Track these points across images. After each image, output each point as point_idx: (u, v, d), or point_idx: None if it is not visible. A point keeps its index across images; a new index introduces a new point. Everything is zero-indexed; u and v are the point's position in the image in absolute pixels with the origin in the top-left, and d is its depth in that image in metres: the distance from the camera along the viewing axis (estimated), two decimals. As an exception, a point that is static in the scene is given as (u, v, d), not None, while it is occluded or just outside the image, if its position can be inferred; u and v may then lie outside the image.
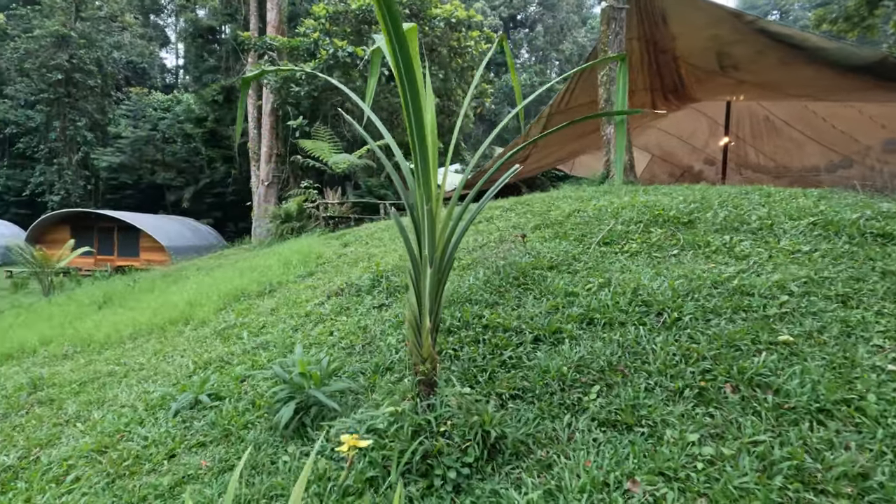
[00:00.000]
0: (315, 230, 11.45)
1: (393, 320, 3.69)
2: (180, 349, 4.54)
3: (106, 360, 4.82)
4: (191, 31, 21.12)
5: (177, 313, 5.90)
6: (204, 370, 3.79)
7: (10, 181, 27.87)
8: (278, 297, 5.57)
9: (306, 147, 13.33)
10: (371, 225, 9.55)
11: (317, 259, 7.26)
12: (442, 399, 2.30)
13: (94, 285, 12.44)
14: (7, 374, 4.91)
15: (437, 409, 2.25)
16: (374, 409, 2.58)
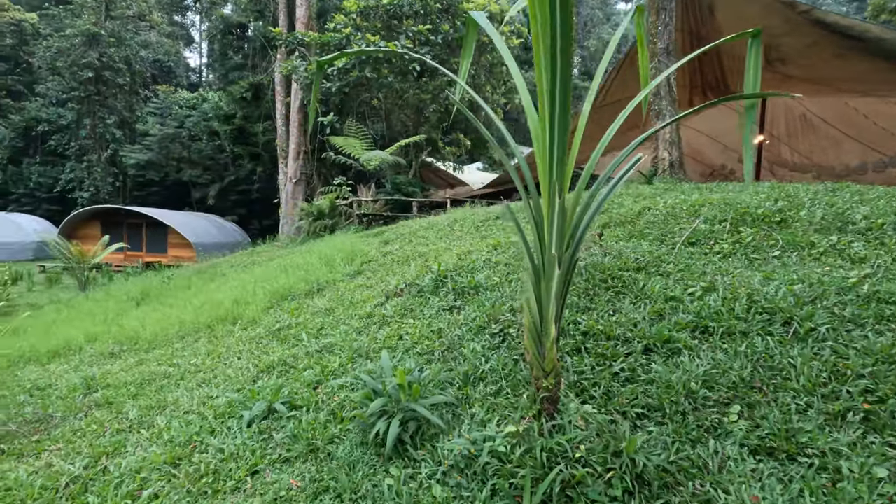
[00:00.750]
0: (349, 228, 11.27)
1: (470, 324, 3.42)
2: (235, 350, 4.34)
3: (157, 360, 4.65)
4: (220, 28, 21.13)
5: (223, 312, 5.72)
6: (268, 374, 3.58)
7: (41, 178, 28.40)
8: (329, 296, 5.35)
9: (337, 144, 13.17)
10: (410, 223, 9.32)
11: (360, 257, 7.04)
12: (570, 419, 2.02)
13: (128, 281, 12.47)
14: (57, 373, 4.77)
15: (567, 430, 1.97)
16: (481, 426, 2.31)
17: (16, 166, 29.21)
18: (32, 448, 3.08)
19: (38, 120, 28.92)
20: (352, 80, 13.66)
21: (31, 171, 28.69)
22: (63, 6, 29.48)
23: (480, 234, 6.02)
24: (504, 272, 4.18)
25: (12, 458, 2.99)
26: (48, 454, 2.97)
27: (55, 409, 3.67)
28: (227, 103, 20.69)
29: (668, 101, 9.02)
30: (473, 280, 4.03)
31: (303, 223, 12.01)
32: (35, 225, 25.27)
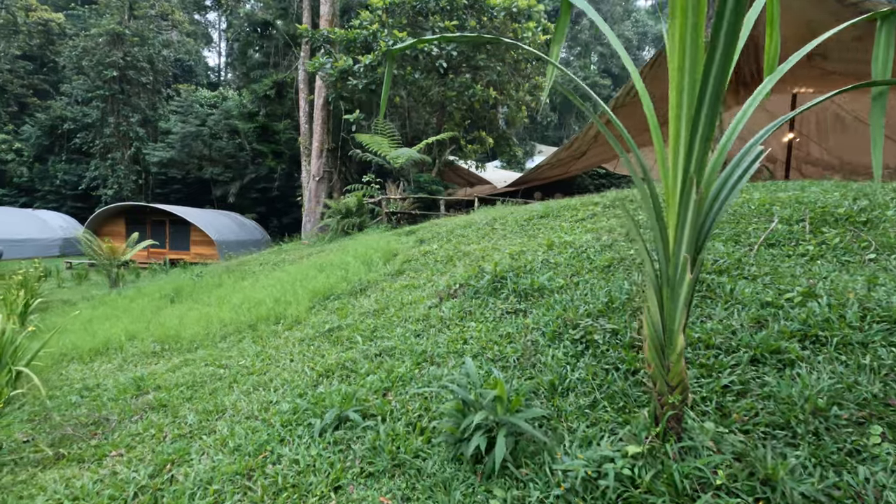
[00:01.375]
0: (377, 226, 11.14)
1: (543, 329, 3.23)
2: (286, 352, 4.21)
3: (203, 360, 4.54)
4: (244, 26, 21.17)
5: (264, 311, 5.61)
6: (327, 378, 3.43)
7: (67, 175, 28.84)
8: (374, 296, 5.20)
9: (363, 141, 13.05)
10: (441, 221, 9.15)
11: (399, 256, 6.89)
12: (700, 439, 1.82)
13: (157, 278, 12.50)
14: (103, 373, 4.69)
15: (699, 453, 1.77)
16: (585, 444, 2.12)
17: (42, 164, 29.71)
18: (92, 453, 2.97)
19: (63, 118, 29.36)
20: (378, 77, 13.52)
21: (57, 169, 29.14)
22: (88, 6, 29.90)
23: (527, 234, 5.82)
24: (567, 273, 3.98)
25: (73, 463, 2.88)
26: (110, 460, 2.86)
27: (109, 411, 3.57)
28: (251, 101, 20.71)
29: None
30: (536, 281, 3.84)
31: (330, 221, 11.91)
32: (61, 222, 25.66)
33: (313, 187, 17.42)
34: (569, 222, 5.81)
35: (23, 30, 29.01)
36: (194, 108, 27.54)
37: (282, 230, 28.62)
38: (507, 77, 16.25)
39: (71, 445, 3.09)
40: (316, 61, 13.51)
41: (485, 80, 15.24)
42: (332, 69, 13.53)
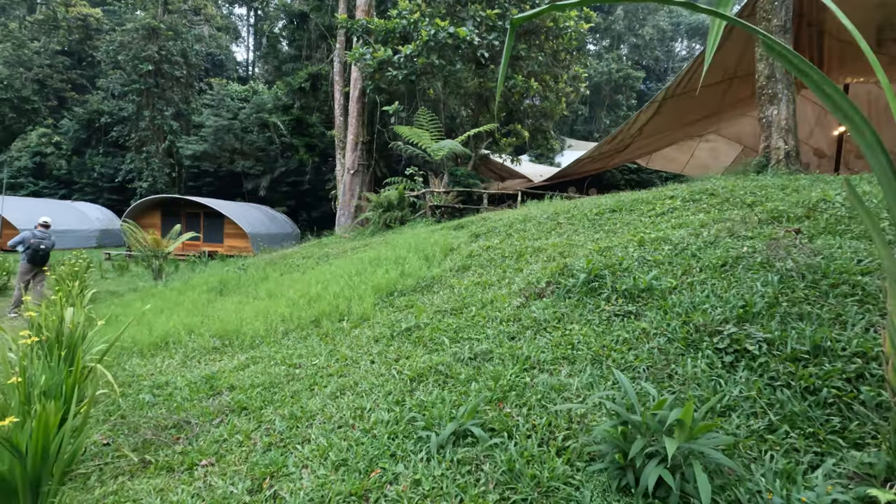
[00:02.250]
0: (420, 220, 10.87)
1: (669, 335, 2.87)
2: (363, 353, 3.94)
3: (271, 359, 4.31)
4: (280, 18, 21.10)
5: (326, 307, 5.37)
6: (421, 384, 3.14)
7: (103, 168, 29.43)
8: (444, 294, 4.91)
9: (403, 133, 12.78)
10: (490, 215, 8.81)
11: (455, 252, 6.59)
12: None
13: (198, 271, 12.50)
14: (168, 369, 4.51)
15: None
16: (784, 479, 1.77)
17: (80, 157, 30.38)
18: (180, 460, 2.74)
19: (100, 112, 29.95)
20: (418, 67, 13.21)
21: (94, 162, 29.76)
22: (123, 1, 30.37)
23: (603, 229, 5.44)
24: (675, 273, 3.61)
25: (162, 471, 2.66)
26: (201, 470, 2.62)
27: (187, 413, 3.35)
28: (286, 93, 20.66)
29: (784, 83, 8.13)
30: (643, 281, 3.48)
31: (370, 214, 11.69)
32: (98, 213, 26.19)
33: (348, 180, 17.25)
34: (648, 217, 5.41)
35: (63, 25, 29.63)
36: (226, 102, 27.73)
37: (311, 224, 28.68)
38: (547, 67, 15.77)
39: (156, 451, 2.87)
40: (356, 51, 13.26)
41: (525, 71, 14.80)
42: (372, 59, 13.27)
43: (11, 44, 28.59)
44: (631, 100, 37.15)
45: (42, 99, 31.00)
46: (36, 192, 28.80)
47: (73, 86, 32.67)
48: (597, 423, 2.27)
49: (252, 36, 49.26)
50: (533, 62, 14.58)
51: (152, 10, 27.29)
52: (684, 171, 23.05)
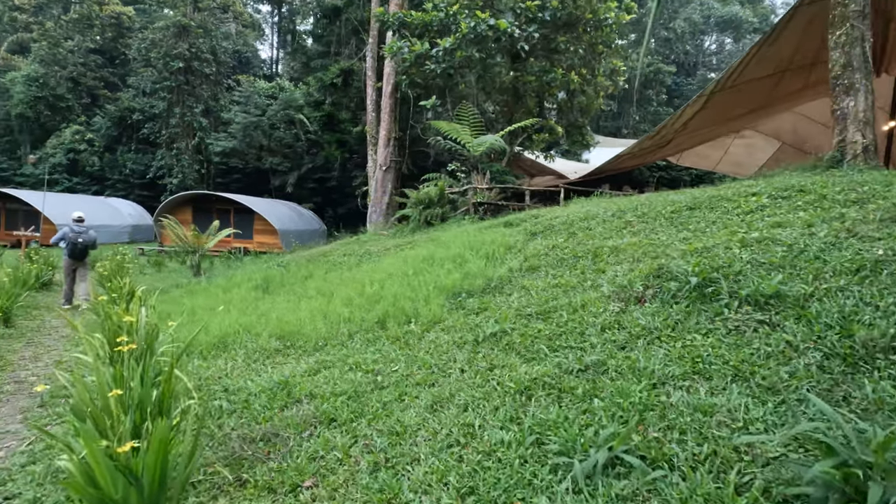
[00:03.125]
0: (462, 217, 10.58)
1: (824, 350, 2.52)
2: (446, 359, 3.67)
3: (343, 363, 4.07)
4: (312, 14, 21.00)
5: (389, 308, 5.12)
6: (528, 398, 2.84)
7: (134, 165, 29.85)
8: (519, 296, 4.61)
9: (442, 128, 12.49)
10: (544, 212, 8.46)
11: (513, 251, 6.28)
12: None
13: (235, 267, 12.43)
14: (234, 373, 4.31)
15: None
16: None
17: (111, 154, 30.89)
18: (279, 480, 2.50)
19: (131, 110, 30.38)
20: (457, 60, 12.91)
21: (126, 159, 30.22)
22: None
23: (687, 228, 5.06)
24: (804, 277, 3.23)
25: (263, 492, 2.42)
26: (307, 494, 2.37)
27: (273, 424, 3.12)
28: (318, 89, 20.56)
29: (862, 73, 7.59)
30: (772, 286, 3.11)
31: (409, 211, 11.45)
32: (129, 209, 26.56)
33: (380, 177, 17.05)
34: (735, 215, 5.01)
35: (96, 24, 30.10)
36: (254, 99, 27.84)
37: (337, 220, 28.65)
38: (584, 61, 15.30)
39: (249, 468, 2.64)
40: (393, 44, 13.02)
41: (565, 64, 14.36)
42: (409, 53, 13.01)
43: (47, 42, 29.16)
44: (661, 95, 36.22)
45: (76, 97, 31.58)
46: (70, 189, 29.36)
47: (105, 84, 33.23)
48: (778, 455, 1.94)
49: (276, 34, 49.60)
50: (573, 55, 14.13)
51: (182, 8, 27.52)
52: (716, 169, 22.28)
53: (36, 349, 5.52)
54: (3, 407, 3.74)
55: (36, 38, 30.10)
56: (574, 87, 14.54)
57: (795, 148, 17.04)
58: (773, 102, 13.83)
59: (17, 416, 3.58)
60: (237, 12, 31.49)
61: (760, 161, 18.96)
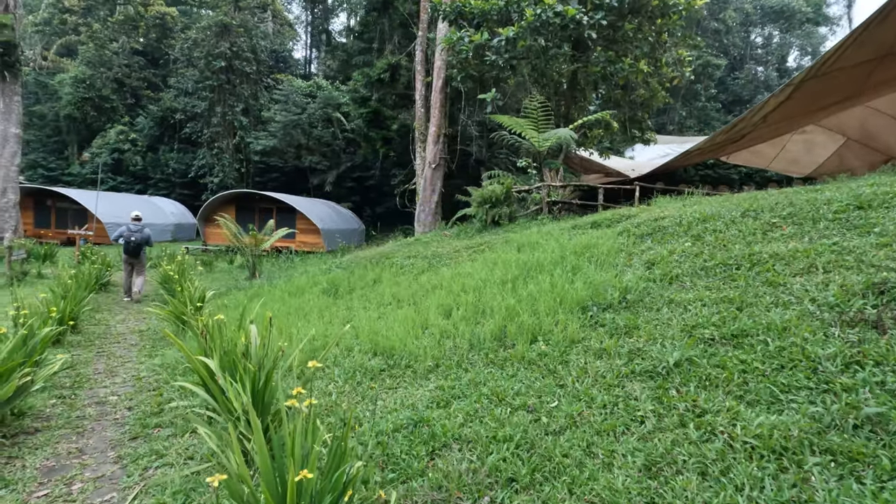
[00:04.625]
0: (535, 217, 9.82)
1: None
2: (617, 394, 2.94)
3: (476, 391, 3.39)
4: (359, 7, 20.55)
5: (506, 322, 4.42)
6: (797, 464, 2.08)
7: (176, 164, 30.12)
8: (674, 314, 3.83)
9: (503, 122, 11.75)
10: (636, 212, 7.63)
11: (635, 256, 5.49)
12: None
13: (286, 267, 11.99)
14: (340, 398, 3.67)
15: None
16: None
17: (154, 153, 31.28)
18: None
19: (173, 110, 30.68)
20: (519, 51, 12.13)
21: (168, 158, 30.53)
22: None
23: (871, 230, 4.18)
24: None
25: None
26: None
27: (420, 476, 2.45)
28: (364, 85, 20.11)
29: None
30: None
31: (472, 210, 10.76)
32: (172, 208, 26.73)
33: (428, 175, 16.43)
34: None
35: (141, 25, 30.48)
36: (293, 97, 27.67)
37: (375, 220, 28.26)
38: (652, 49, 14.29)
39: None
40: (452, 35, 12.34)
41: (633, 55, 13.40)
42: (468, 44, 12.30)
43: (94, 44, 29.68)
44: (710, 90, 34.56)
45: (120, 98, 32.11)
46: (114, 188, 29.82)
47: (148, 84, 33.73)
48: None
49: (309, 35, 49.78)
50: (643, 43, 13.19)
51: (224, 8, 27.55)
52: (769, 167, 20.87)
53: (108, 361, 5.04)
54: (90, 438, 3.20)
55: (83, 40, 30.70)
56: (640, 77, 13.58)
57: (862, 144, 15.72)
58: (866, 91, 12.61)
59: (109, 452, 3.02)
60: (276, 10, 31.43)
61: (821, 158, 17.61)
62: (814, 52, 45.34)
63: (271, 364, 2.79)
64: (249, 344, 2.94)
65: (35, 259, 12.02)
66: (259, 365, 2.74)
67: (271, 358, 2.86)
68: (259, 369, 2.70)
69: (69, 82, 29.90)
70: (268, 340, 3.03)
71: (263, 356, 2.85)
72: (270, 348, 2.99)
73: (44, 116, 32.48)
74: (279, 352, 2.92)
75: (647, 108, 16.38)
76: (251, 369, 2.64)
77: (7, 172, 14.02)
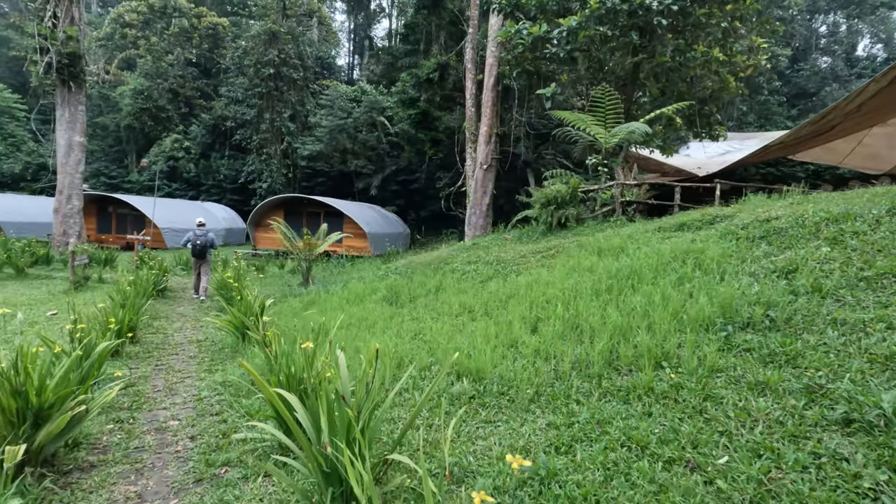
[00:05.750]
0: (607, 218, 9.02)
1: None
2: (809, 457, 2.20)
3: (600, 430, 2.72)
4: (416, 3, 20.28)
5: (617, 342, 3.72)
6: None
7: (227, 170, 30.86)
8: (839, 337, 3.03)
9: (565, 118, 10.98)
10: (732, 211, 6.72)
11: (753, 264, 4.66)
12: None
13: (339, 273, 11.64)
14: (435, 436, 3.08)
15: None
16: None
17: (206, 160, 32.19)
18: None
19: (224, 118, 31.49)
20: (581, 42, 11.35)
21: (219, 165, 31.33)
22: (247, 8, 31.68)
23: None
24: None
25: None
26: None
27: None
28: (412, 86, 19.78)
29: None
30: None
31: (533, 212, 10.05)
32: (223, 213, 27.32)
33: (480, 176, 15.80)
34: None
35: (195, 36, 31.50)
36: (339, 102, 27.77)
37: (419, 223, 27.91)
38: (725, 36, 13.14)
39: None
40: (509, 27, 11.70)
41: (706, 42, 12.34)
42: (526, 36, 11.62)
43: (152, 57, 30.89)
44: (773, 82, 32.28)
45: (175, 107, 33.29)
46: (169, 194, 30.86)
47: (200, 94, 34.84)
48: None
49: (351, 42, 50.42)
50: (716, 29, 12.10)
51: (273, 16, 28.02)
52: (843, 164, 18.98)
53: (167, 376, 4.68)
54: (150, 479, 2.74)
55: (142, 53, 32.03)
56: (713, 66, 12.48)
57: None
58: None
59: (171, 499, 2.54)
60: (322, 17, 31.78)
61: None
62: (888, 38, 41.82)
63: (371, 407, 2.23)
64: (337, 376, 2.39)
65: (96, 263, 12.22)
66: (358, 408, 2.19)
67: (372, 401, 2.29)
68: (358, 412, 2.14)
69: (129, 94, 31.24)
70: (370, 374, 2.46)
71: (363, 398, 2.29)
72: (371, 383, 2.43)
73: (106, 127, 34.12)
74: (380, 389, 2.36)
75: (716, 101, 15.16)
76: (349, 415, 2.09)
77: (72, 180, 14.45)
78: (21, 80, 35.67)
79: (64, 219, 14.42)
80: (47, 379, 2.58)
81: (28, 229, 18.90)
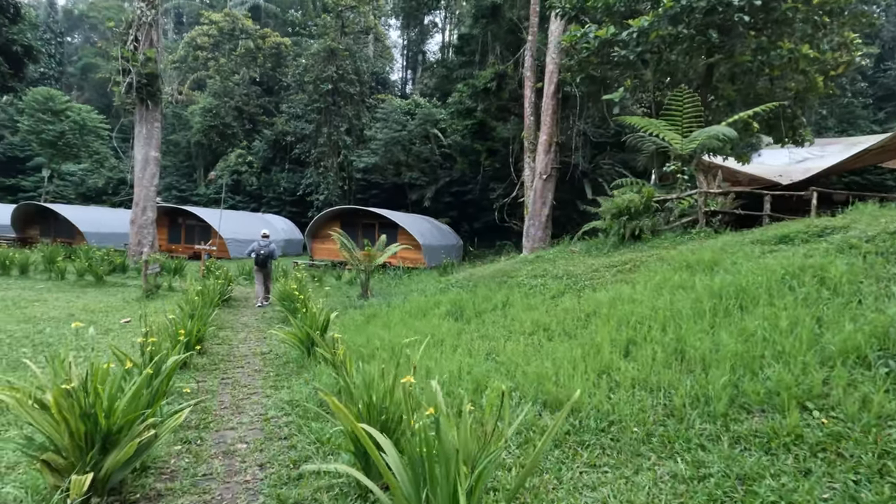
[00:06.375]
0: (688, 229, 8.28)
1: None
2: None
3: (745, 491, 2.18)
4: (474, 13, 20.27)
5: (742, 375, 3.15)
6: None
7: (287, 183, 31.97)
8: None
9: (637, 124, 10.31)
10: (847, 221, 5.87)
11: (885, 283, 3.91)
12: None
13: (397, 285, 11.45)
14: (545, 492, 2.65)
15: None
16: None
17: (267, 174, 33.53)
18: None
19: (284, 133, 32.75)
20: (652, 43, 10.68)
21: (279, 178, 32.52)
22: (307, 28, 32.96)
23: None
24: None
25: None
26: None
27: None
28: (469, 96, 19.63)
29: None
30: None
31: (602, 223, 9.43)
32: (282, 224, 28.21)
33: (539, 187, 15.26)
34: None
35: (259, 56, 33.11)
36: (393, 115, 28.13)
37: (472, 235, 27.57)
38: (815, 31, 11.99)
39: None
40: (575, 31, 11.22)
41: (793, 38, 11.30)
42: (593, 40, 11.09)
43: (220, 76, 32.70)
44: (858, 83, 29.63)
45: (240, 124, 35.03)
46: (233, 206, 32.32)
47: (263, 110, 36.52)
48: None
49: (405, 58, 51.39)
50: (806, 24, 11.06)
51: (332, 34, 28.94)
52: None
53: (234, 391, 4.52)
54: (219, 514, 2.47)
55: (211, 74, 34.02)
56: (802, 65, 11.40)
57: None
58: None
59: (242, 543, 2.25)
60: (378, 34, 32.54)
61: None
62: None
63: (486, 461, 1.84)
64: (431, 410, 2.02)
65: (167, 272, 12.71)
66: (472, 463, 1.82)
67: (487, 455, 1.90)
68: (471, 468, 1.77)
69: (199, 112, 33.18)
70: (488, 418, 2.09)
71: (479, 452, 1.91)
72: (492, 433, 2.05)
73: (178, 144, 36.38)
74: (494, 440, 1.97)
75: (801, 103, 13.89)
76: (465, 473, 1.72)
77: (147, 192, 15.26)
78: (106, 101, 38.87)
79: (139, 229, 15.22)
80: (117, 399, 2.38)
81: (108, 239, 20.20)
